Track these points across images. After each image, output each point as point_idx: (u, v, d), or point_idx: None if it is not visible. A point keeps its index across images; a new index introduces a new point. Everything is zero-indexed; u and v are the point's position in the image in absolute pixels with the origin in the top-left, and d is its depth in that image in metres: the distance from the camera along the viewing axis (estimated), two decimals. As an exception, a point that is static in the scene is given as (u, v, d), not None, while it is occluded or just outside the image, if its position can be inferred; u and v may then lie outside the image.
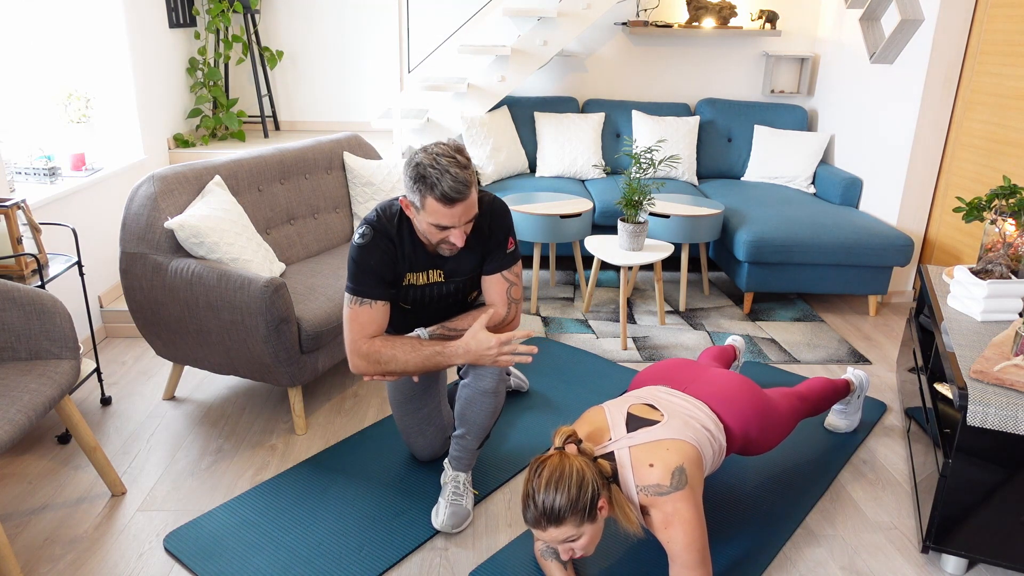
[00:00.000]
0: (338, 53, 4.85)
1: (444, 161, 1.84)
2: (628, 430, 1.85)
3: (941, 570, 2.07)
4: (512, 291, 2.10)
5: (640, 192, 3.27)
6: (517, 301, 2.12)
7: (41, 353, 2.12)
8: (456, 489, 2.18)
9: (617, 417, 1.91)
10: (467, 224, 1.94)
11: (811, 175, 4.47)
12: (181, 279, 2.47)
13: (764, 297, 4.06)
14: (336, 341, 2.67)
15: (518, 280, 2.12)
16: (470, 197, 1.87)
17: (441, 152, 1.86)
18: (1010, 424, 1.85)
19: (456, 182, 1.83)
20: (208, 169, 2.78)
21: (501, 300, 2.10)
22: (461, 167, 1.85)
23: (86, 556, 2.02)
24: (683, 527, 1.70)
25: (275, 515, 2.19)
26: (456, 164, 1.84)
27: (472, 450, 2.18)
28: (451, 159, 1.85)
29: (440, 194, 1.84)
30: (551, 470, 1.67)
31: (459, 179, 1.83)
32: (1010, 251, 2.41)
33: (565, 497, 1.64)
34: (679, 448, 1.79)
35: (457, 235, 1.93)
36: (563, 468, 1.67)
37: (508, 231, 2.08)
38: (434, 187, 1.83)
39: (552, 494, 1.64)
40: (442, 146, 1.88)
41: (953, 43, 3.59)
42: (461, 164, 1.85)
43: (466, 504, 2.18)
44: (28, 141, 3.43)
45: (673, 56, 4.88)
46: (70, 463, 2.44)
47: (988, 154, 3.47)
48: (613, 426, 1.88)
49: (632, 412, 1.92)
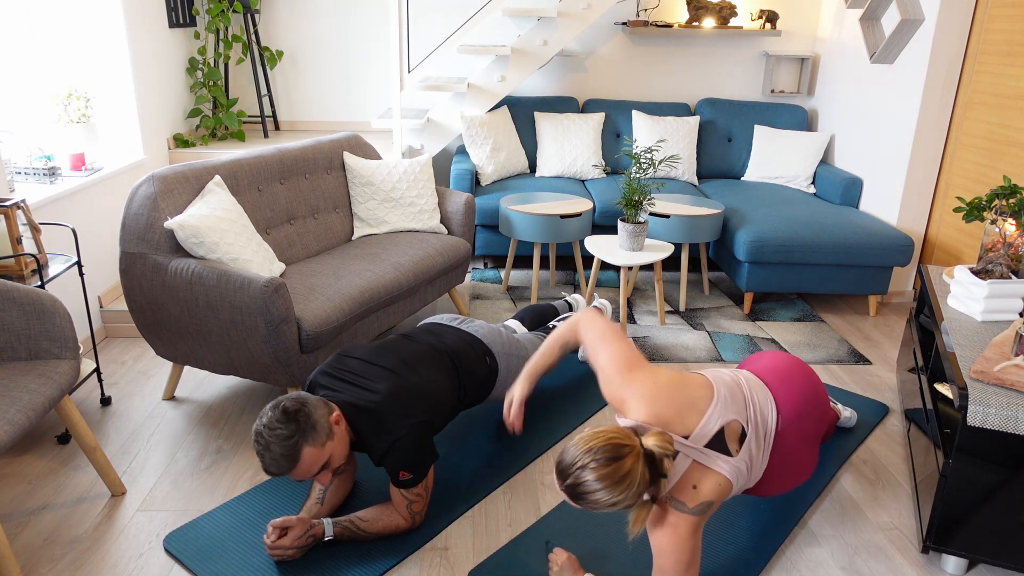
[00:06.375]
0: (338, 53, 4.85)
1: (267, 436, 1.82)
2: (708, 444, 1.77)
3: (941, 570, 2.06)
4: (412, 506, 2.08)
5: (640, 192, 3.27)
6: (419, 513, 2.11)
7: (41, 353, 2.12)
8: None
9: (713, 422, 1.79)
10: (323, 471, 1.93)
11: (811, 175, 4.47)
12: (181, 279, 2.47)
13: (764, 297, 4.06)
14: (336, 341, 2.67)
15: (419, 497, 2.08)
16: (297, 468, 1.85)
17: (268, 425, 1.83)
18: (1010, 424, 1.85)
19: (273, 462, 1.83)
20: (208, 169, 2.78)
21: (403, 513, 2.09)
22: (283, 440, 1.82)
23: (86, 556, 2.02)
24: (675, 538, 1.74)
25: (275, 515, 2.18)
26: (278, 440, 1.82)
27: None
28: (274, 431, 1.82)
29: (263, 468, 1.86)
30: (610, 472, 1.57)
31: (276, 459, 1.82)
32: (1010, 251, 2.41)
33: (606, 497, 1.58)
34: (723, 487, 1.77)
35: (320, 477, 1.95)
36: (621, 472, 1.57)
37: (400, 467, 2.00)
38: (260, 461, 1.85)
39: (595, 487, 1.57)
40: (276, 414, 1.84)
41: (953, 43, 3.59)
42: (283, 437, 1.82)
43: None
44: (28, 141, 3.43)
45: (673, 56, 4.87)
46: (70, 463, 2.44)
47: (988, 154, 3.47)
48: (703, 425, 1.77)
49: (725, 427, 1.81)
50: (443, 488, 2.34)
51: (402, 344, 2.27)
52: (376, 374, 2.09)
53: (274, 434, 1.82)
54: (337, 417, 1.95)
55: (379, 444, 1.99)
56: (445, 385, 2.18)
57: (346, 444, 1.97)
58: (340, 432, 1.95)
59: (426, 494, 2.10)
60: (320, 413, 1.89)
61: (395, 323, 3.01)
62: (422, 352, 2.24)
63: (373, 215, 3.39)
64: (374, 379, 2.08)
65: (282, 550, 1.95)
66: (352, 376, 2.11)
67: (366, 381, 2.07)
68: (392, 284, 2.89)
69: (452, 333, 2.43)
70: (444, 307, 3.79)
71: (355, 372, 2.12)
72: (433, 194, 3.46)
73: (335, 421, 1.93)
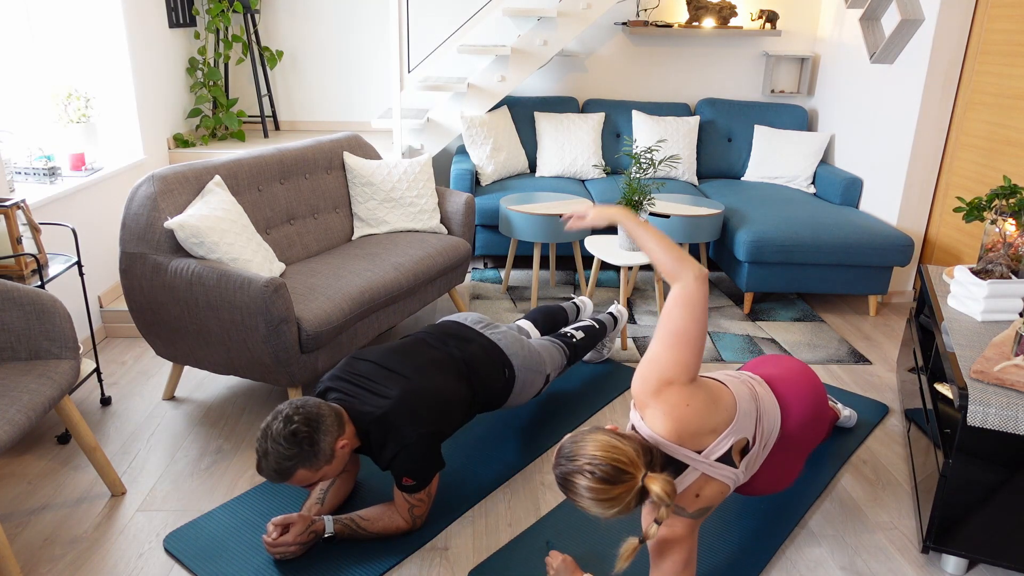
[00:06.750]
0: (338, 53, 4.85)
1: (269, 446, 1.83)
2: (719, 458, 1.77)
3: (941, 570, 2.06)
4: (414, 510, 2.09)
5: (640, 192, 3.27)
6: (420, 517, 2.12)
7: (41, 353, 2.12)
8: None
9: (727, 442, 1.77)
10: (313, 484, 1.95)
11: (811, 175, 4.47)
12: (181, 279, 2.47)
13: (764, 297, 4.06)
14: (336, 341, 2.67)
15: (422, 502, 2.08)
16: (294, 477, 1.86)
17: (274, 437, 1.83)
18: (1010, 424, 1.85)
19: (266, 470, 1.84)
20: (208, 169, 2.78)
21: (404, 515, 2.09)
22: (282, 459, 1.82)
23: (86, 556, 2.02)
24: (673, 539, 1.75)
25: (275, 515, 2.18)
26: (277, 456, 1.82)
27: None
28: (277, 446, 1.82)
29: (256, 467, 1.88)
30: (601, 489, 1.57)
31: (268, 470, 1.83)
32: (1010, 251, 2.41)
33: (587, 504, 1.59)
34: (723, 493, 1.79)
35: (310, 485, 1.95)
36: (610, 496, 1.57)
37: (406, 473, 2.00)
38: (257, 459, 1.87)
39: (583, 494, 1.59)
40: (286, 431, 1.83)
41: (953, 43, 3.59)
42: (283, 457, 1.82)
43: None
44: (28, 141, 3.43)
45: (673, 56, 4.87)
46: (70, 463, 2.44)
47: (988, 154, 3.47)
48: (717, 444, 1.75)
49: (736, 444, 1.81)
50: (443, 488, 2.34)
51: (417, 349, 2.23)
52: (389, 380, 2.07)
53: (276, 448, 1.82)
54: (344, 444, 1.93)
55: (387, 450, 1.99)
56: (458, 393, 2.16)
57: (343, 462, 1.96)
58: (342, 455, 1.93)
59: (429, 499, 2.10)
60: (327, 441, 1.87)
61: (395, 323, 3.01)
62: (437, 359, 2.20)
63: (373, 215, 3.39)
64: (387, 385, 2.05)
65: (284, 546, 1.95)
66: (365, 381, 2.08)
67: (378, 387, 2.05)
68: (392, 284, 2.89)
69: (475, 340, 2.35)
70: (444, 307, 3.79)
71: (368, 377, 2.09)
72: (433, 194, 3.46)
73: (340, 447, 1.91)
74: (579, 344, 2.76)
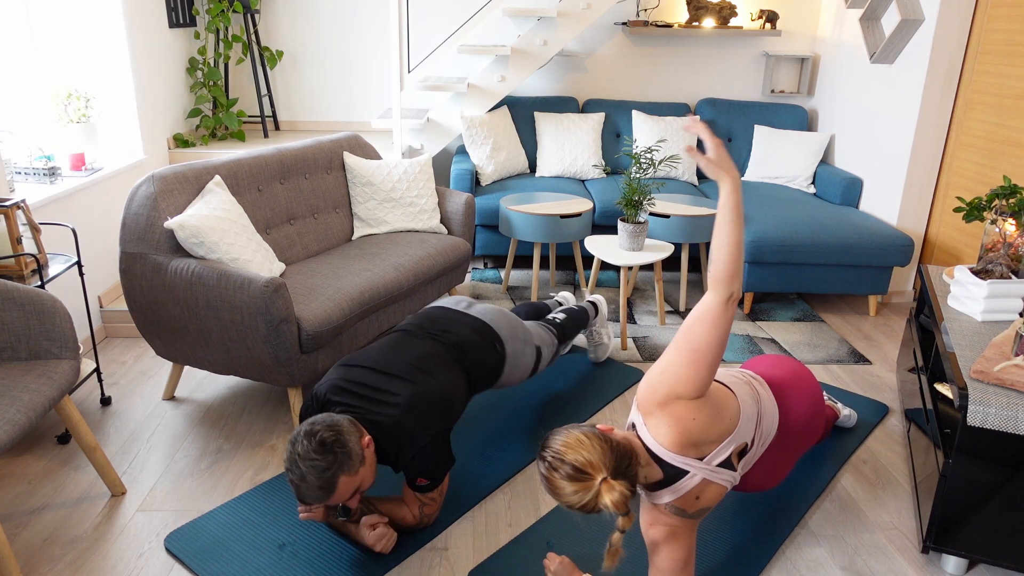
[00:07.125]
0: (338, 53, 4.85)
1: (303, 467, 1.80)
2: (721, 464, 1.77)
3: (941, 570, 2.06)
4: (424, 508, 2.10)
5: (640, 192, 3.27)
6: (430, 516, 2.13)
7: (41, 353, 2.12)
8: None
9: (728, 449, 1.78)
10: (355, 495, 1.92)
11: (811, 175, 4.47)
12: (181, 279, 2.47)
13: (764, 297, 4.06)
14: (336, 341, 2.67)
15: (433, 501, 2.10)
16: (332, 497, 1.84)
17: (304, 456, 1.80)
18: (1010, 424, 1.85)
19: (309, 493, 1.82)
20: (208, 169, 2.78)
21: (413, 511, 2.10)
22: (321, 473, 1.80)
23: (86, 556, 2.02)
24: (672, 539, 1.76)
25: (275, 515, 2.19)
26: (316, 472, 1.80)
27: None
28: (311, 463, 1.79)
29: (298, 497, 1.85)
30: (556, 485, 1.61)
31: (312, 491, 1.81)
32: (1010, 251, 2.41)
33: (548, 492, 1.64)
34: (721, 494, 1.80)
35: (350, 501, 1.94)
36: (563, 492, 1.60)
37: (420, 474, 2.02)
38: (295, 490, 1.84)
39: (545, 484, 1.64)
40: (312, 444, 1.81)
41: (953, 43, 3.59)
42: (321, 469, 1.80)
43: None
44: (28, 141, 3.43)
45: (673, 56, 4.87)
46: (70, 463, 2.44)
47: (988, 154, 3.47)
48: (719, 451, 1.76)
49: (736, 449, 1.82)
50: (443, 488, 2.34)
51: (406, 344, 2.21)
52: (391, 385, 2.05)
53: (311, 465, 1.79)
54: (368, 441, 1.92)
55: (402, 454, 1.99)
56: (458, 384, 2.16)
57: (375, 465, 1.95)
58: (370, 455, 1.92)
59: (440, 498, 2.11)
60: (354, 440, 1.87)
61: (395, 323, 3.01)
62: (429, 352, 2.18)
63: (373, 215, 3.39)
64: (391, 390, 2.03)
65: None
66: (367, 390, 2.05)
67: (383, 394, 2.03)
68: (392, 284, 2.89)
69: (458, 321, 2.34)
70: (444, 307, 3.79)
71: (369, 385, 2.06)
72: (433, 194, 3.46)
73: (366, 445, 1.91)
74: (563, 324, 2.79)
